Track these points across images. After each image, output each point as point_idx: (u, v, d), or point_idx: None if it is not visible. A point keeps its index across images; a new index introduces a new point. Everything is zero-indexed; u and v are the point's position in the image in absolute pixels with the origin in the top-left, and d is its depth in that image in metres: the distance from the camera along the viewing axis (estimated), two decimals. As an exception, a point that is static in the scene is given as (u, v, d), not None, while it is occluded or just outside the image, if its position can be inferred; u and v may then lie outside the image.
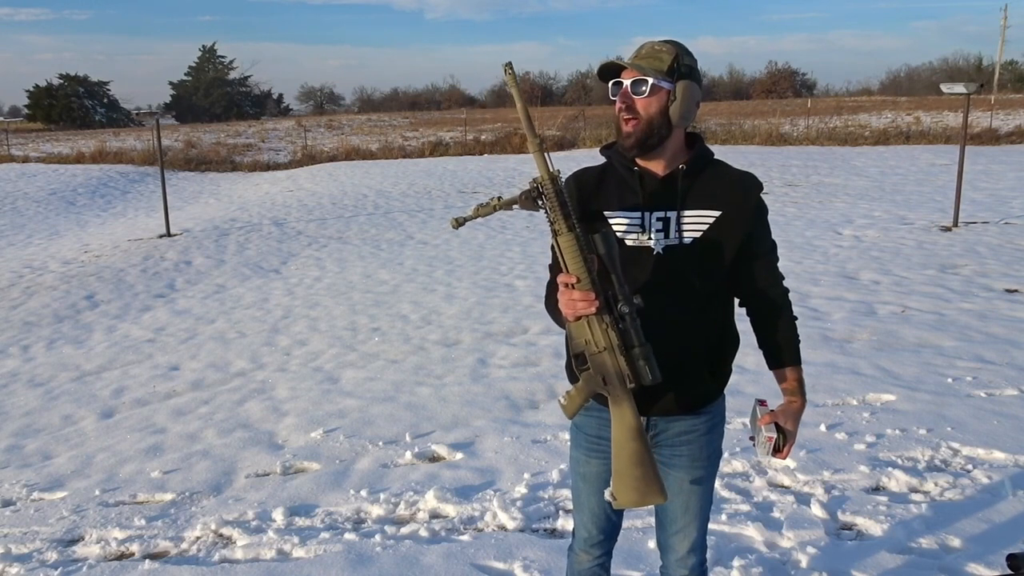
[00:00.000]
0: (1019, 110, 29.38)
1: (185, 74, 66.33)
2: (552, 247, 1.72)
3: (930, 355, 5.03)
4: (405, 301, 7.14)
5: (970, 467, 3.51)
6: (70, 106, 55.47)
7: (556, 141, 23.64)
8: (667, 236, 1.75)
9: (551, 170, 1.70)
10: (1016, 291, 6.54)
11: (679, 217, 1.75)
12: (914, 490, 3.35)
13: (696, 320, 1.77)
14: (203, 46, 67.06)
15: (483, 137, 25.34)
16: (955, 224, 9.43)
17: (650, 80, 1.67)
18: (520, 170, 18.19)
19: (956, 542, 2.92)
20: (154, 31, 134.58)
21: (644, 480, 1.73)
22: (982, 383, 4.48)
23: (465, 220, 1.80)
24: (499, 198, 1.75)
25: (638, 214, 1.76)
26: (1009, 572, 2.13)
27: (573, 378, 1.89)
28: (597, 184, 1.83)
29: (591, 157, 20.23)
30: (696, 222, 1.75)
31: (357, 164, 21.31)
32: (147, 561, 3.05)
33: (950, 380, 4.55)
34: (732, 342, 1.87)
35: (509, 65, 1.66)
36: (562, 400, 1.80)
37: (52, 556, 3.13)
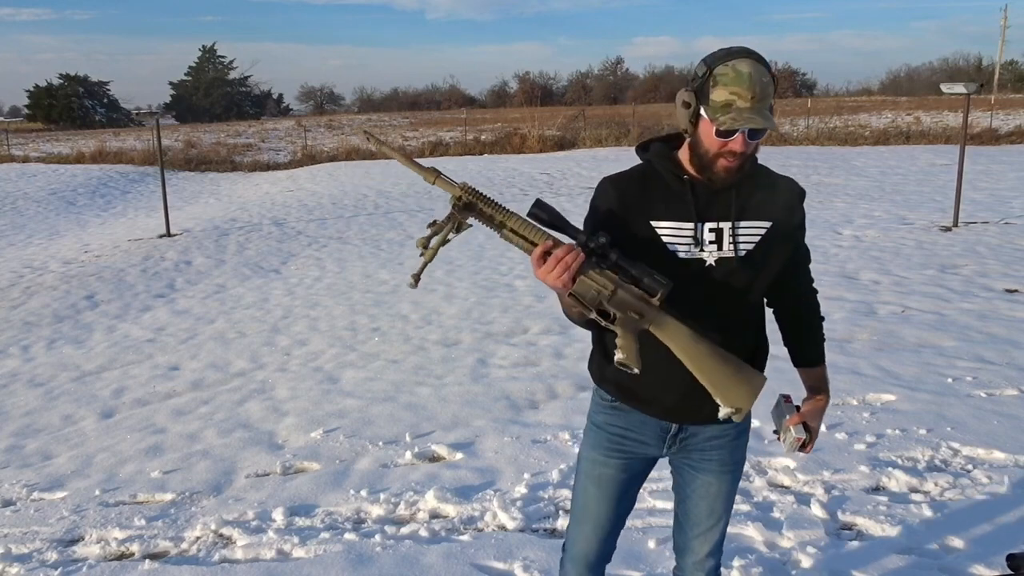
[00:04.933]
0: (1019, 110, 29.38)
1: (185, 74, 66.34)
2: (514, 245, 1.68)
3: (930, 355, 5.03)
4: (405, 301, 7.14)
5: (970, 467, 3.51)
6: (70, 106, 55.48)
7: (556, 141, 23.63)
8: (720, 248, 1.70)
9: (459, 184, 1.69)
10: (1016, 291, 6.54)
11: (733, 228, 1.70)
12: (914, 490, 3.35)
13: (740, 329, 1.77)
14: (203, 46, 67.07)
15: (483, 137, 25.32)
16: (955, 224, 9.42)
17: (768, 129, 1.59)
18: (520, 170, 18.19)
19: (956, 542, 2.92)
20: (154, 31, 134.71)
21: (740, 370, 1.69)
22: (982, 383, 4.48)
23: (420, 273, 1.78)
24: (430, 232, 1.72)
25: (690, 225, 1.69)
26: (1009, 572, 2.13)
27: (602, 373, 1.85)
28: (640, 190, 1.74)
29: (591, 157, 20.27)
30: (749, 233, 1.72)
31: (357, 164, 21.31)
32: (147, 561, 3.05)
33: (950, 380, 4.55)
34: (765, 347, 1.86)
35: (367, 132, 1.79)
36: (620, 356, 1.67)
37: (52, 556, 3.13)
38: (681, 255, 1.70)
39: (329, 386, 5.02)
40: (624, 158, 20.02)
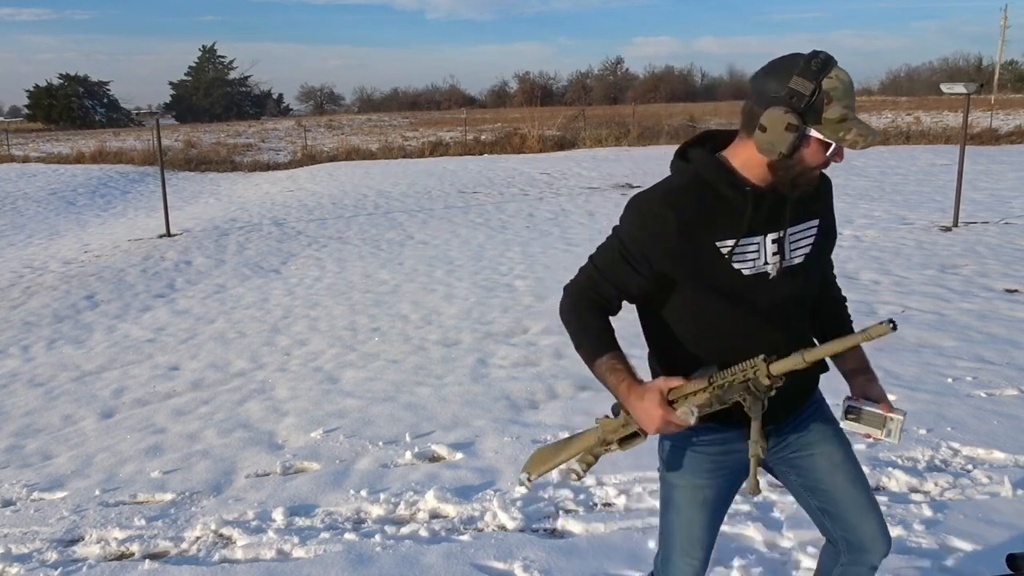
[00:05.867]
0: (1019, 110, 29.40)
1: (185, 74, 66.46)
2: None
3: (930, 355, 5.03)
4: (405, 301, 7.14)
5: (970, 467, 3.51)
6: (70, 106, 55.53)
7: (556, 141, 23.63)
8: (783, 257, 1.63)
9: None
10: (1016, 291, 6.54)
11: (790, 235, 1.64)
12: (914, 490, 3.35)
13: (803, 332, 1.75)
14: (203, 46, 67.13)
15: (483, 137, 25.33)
16: (955, 224, 9.42)
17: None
18: (520, 170, 18.19)
19: (956, 542, 2.91)
20: (154, 31, 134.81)
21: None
22: (982, 383, 4.48)
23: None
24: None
25: (756, 240, 1.60)
26: (1009, 572, 2.13)
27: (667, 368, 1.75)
28: (698, 208, 1.58)
29: (591, 157, 20.27)
30: (804, 236, 1.67)
31: (357, 164, 21.32)
32: (147, 561, 3.05)
33: (950, 380, 4.54)
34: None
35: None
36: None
37: (52, 556, 3.13)
38: (746, 272, 1.61)
39: (329, 386, 5.02)
40: (624, 158, 20.03)
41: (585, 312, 1.68)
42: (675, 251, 1.58)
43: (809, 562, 2.83)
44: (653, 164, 18.40)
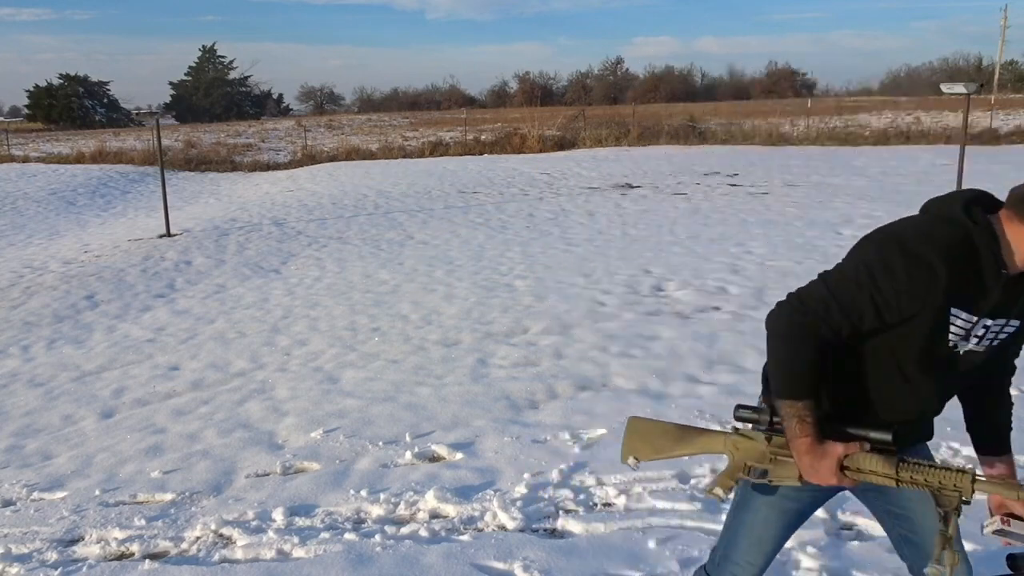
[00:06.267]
0: (1019, 110, 29.40)
1: (185, 74, 66.45)
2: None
3: (930, 355, 5.02)
4: (405, 301, 7.14)
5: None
6: (70, 106, 55.54)
7: (556, 141, 23.64)
8: (980, 342, 1.58)
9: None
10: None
11: (1003, 325, 1.57)
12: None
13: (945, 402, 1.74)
14: (203, 46, 67.14)
15: (483, 137, 25.33)
16: (955, 224, 9.42)
17: None
18: (520, 170, 18.19)
19: (956, 542, 2.91)
20: (154, 31, 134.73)
21: None
22: (982, 383, 4.47)
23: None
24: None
25: (974, 319, 1.54)
26: (1009, 572, 2.13)
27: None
28: (962, 273, 1.49)
29: (591, 157, 20.28)
30: (1007, 329, 1.59)
31: (357, 164, 21.32)
32: (147, 561, 3.05)
33: (950, 380, 4.54)
34: None
35: None
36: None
37: (52, 556, 3.13)
38: (949, 345, 1.57)
39: (329, 386, 5.02)
40: (624, 158, 20.03)
41: (805, 340, 1.56)
42: (928, 305, 1.49)
43: (809, 562, 2.83)
44: (653, 164, 18.41)
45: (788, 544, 2.93)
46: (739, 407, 1.71)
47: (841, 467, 1.56)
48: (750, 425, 1.73)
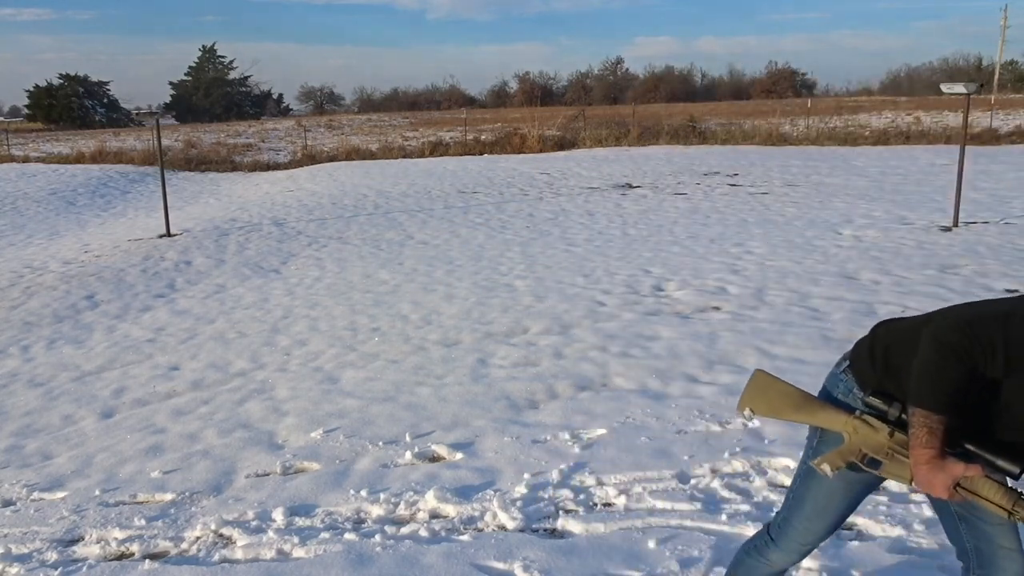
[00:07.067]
0: (1019, 110, 29.40)
1: (185, 74, 66.49)
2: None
3: (930, 355, 5.02)
4: (405, 301, 7.14)
5: None
6: (70, 106, 55.56)
7: (556, 141, 23.63)
8: None
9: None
10: (1016, 291, 6.54)
11: None
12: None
13: None
14: (203, 46, 67.16)
15: (483, 137, 25.32)
16: (955, 224, 9.42)
17: None
18: (520, 170, 18.19)
19: (956, 542, 2.91)
20: (154, 31, 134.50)
21: None
22: (982, 383, 4.47)
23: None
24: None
25: None
26: (1009, 572, 2.13)
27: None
28: None
29: (591, 157, 20.28)
30: None
31: (357, 164, 21.32)
32: (147, 561, 3.05)
33: (950, 380, 4.54)
34: None
35: None
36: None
37: (52, 556, 3.13)
38: None
39: (329, 386, 5.02)
40: (624, 158, 20.03)
41: (963, 363, 1.61)
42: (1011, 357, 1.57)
43: (809, 562, 2.83)
44: (653, 164, 18.41)
45: (788, 544, 2.94)
46: (875, 392, 1.73)
47: (955, 484, 1.61)
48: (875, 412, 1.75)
